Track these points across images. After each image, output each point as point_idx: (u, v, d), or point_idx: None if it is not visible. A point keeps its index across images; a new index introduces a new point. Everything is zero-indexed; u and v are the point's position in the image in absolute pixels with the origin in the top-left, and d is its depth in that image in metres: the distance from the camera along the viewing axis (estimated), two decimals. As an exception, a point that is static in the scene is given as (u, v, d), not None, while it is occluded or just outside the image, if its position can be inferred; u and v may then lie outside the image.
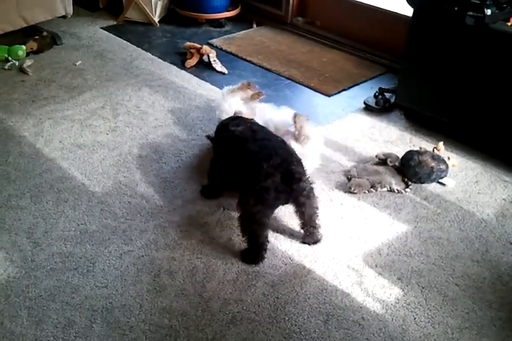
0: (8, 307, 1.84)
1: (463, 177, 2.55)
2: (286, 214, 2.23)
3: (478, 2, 2.29)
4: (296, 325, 1.82)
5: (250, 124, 2.21)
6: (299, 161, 2.00)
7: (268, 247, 2.06)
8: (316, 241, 2.14)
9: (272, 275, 2.01)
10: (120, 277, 1.97)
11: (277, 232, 2.19)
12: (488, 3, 2.29)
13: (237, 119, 2.27)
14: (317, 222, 2.11)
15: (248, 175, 1.97)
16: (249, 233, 2.02)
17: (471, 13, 2.33)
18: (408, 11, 2.81)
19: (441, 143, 2.62)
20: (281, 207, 2.06)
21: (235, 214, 2.25)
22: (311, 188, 2.04)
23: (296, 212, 2.08)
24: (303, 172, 1.97)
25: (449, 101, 2.66)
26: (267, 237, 2.04)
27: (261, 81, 3.28)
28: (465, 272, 2.05)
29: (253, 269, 2.03)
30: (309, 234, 2.13)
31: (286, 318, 1.84)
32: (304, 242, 2.15)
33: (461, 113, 2.64)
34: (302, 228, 2.13)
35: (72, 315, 1.82)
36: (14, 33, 3.46)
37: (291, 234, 2.19)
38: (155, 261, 2.04)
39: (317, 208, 2.09)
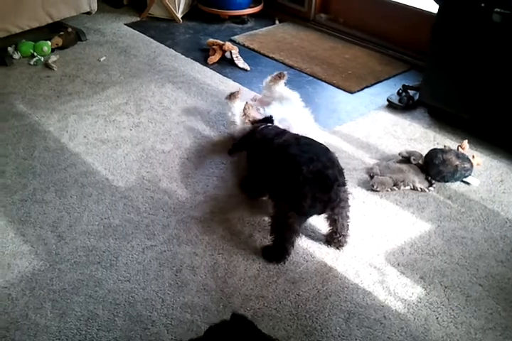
0: (32, 300, 1.87)
1: (487, 176, 2.51)
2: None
3: (506, -2, 2.26)
4: (317, 323, 1.82)
5: (293, 133, 2.16)
6: (340, 170, 1.94)
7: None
8: (341, 246, 2.10)
9: (293, 272, 2.01)
10: (142, 271, 1.99)
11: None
12: (516, -1, 2.26)
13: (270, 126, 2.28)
14: (348, 231, 2.07)
15: (286, 180, 1.90)
16: (278, 234, 2.00)
17: (498, 10, 2.29)
18: (433, 7, 2.78)
19: (465, 142, 2.58)
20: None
21: (257, 211, 2.26)
22: (348, 198, 1.99)
23: (328, 219, 2.03)
24: (343, 182, 1.90)
25: (474, 98, 2.62)
26: (294, 242, 2.01)
27: (283, 77, 3.28)
28: (489, 272, 2.02)
29: (274, 266, 2.03)
30: (336, 242, 2.09)
31: (307, 315, 1.84)
32: (328, 244, 2.12)
33: (487, 111, 2.61)
34: (330, 235, 2.08)
35: (95, 308, 1.85)
36: (40, 29, 3.51)
37: (312, 231, 2.18)
38: (177, 256, 2.06)
39: (349, 217, 2.04)
